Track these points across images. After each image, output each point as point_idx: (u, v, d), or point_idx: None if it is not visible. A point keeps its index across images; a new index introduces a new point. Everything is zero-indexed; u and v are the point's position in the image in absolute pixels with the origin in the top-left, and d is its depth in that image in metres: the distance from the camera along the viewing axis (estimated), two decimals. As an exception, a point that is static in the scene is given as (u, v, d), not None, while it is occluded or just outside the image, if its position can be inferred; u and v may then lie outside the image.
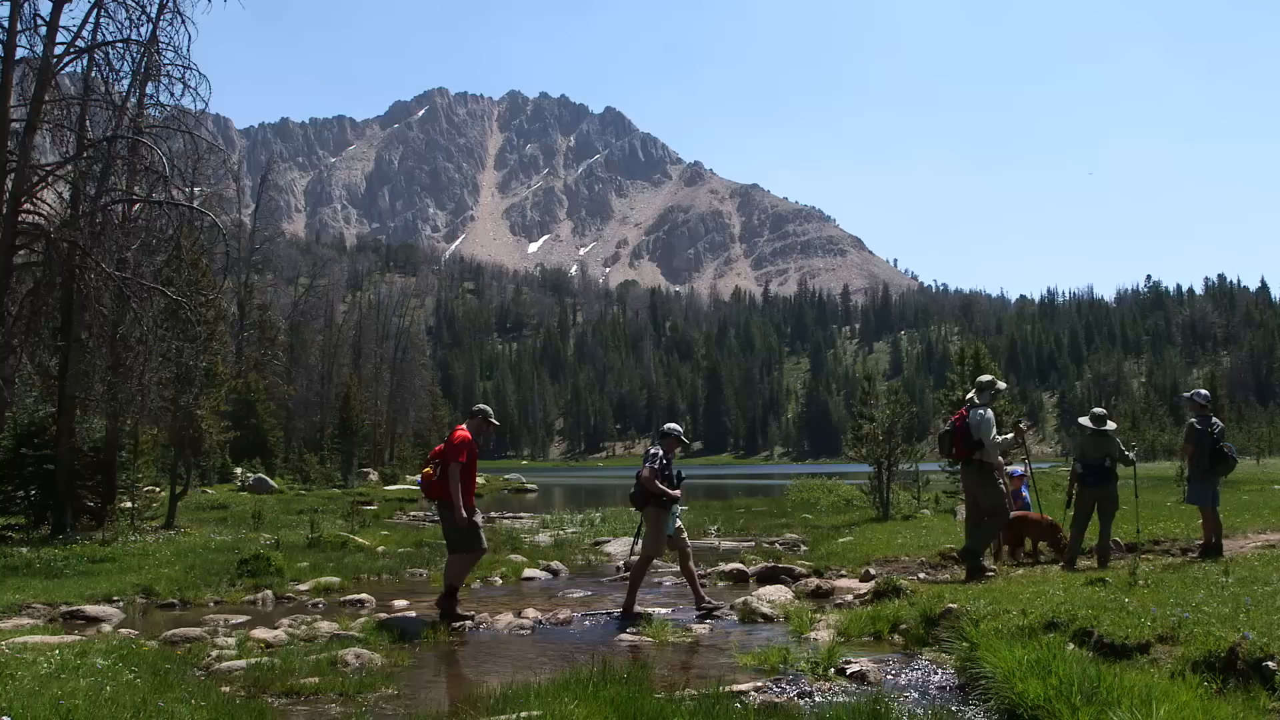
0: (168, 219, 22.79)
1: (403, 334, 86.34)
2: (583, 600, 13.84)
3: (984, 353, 31.93)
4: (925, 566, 15.07)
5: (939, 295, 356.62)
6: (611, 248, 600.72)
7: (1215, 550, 12.92)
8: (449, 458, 12.05)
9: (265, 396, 55.65)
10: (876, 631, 10.50)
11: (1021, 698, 6.76)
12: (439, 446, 12.50)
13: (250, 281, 60.87)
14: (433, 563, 17.86)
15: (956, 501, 26.50)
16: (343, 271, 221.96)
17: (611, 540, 21.63)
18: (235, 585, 14.95)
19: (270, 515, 28.75)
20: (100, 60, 21.87)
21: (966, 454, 12.96)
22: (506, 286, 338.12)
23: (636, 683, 7.63)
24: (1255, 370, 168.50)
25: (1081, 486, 13.34)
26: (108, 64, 21.89)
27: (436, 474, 12.09)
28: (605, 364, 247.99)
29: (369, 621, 11.36)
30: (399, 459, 74.90)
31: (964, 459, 13.08)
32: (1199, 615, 8.12)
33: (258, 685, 8.50)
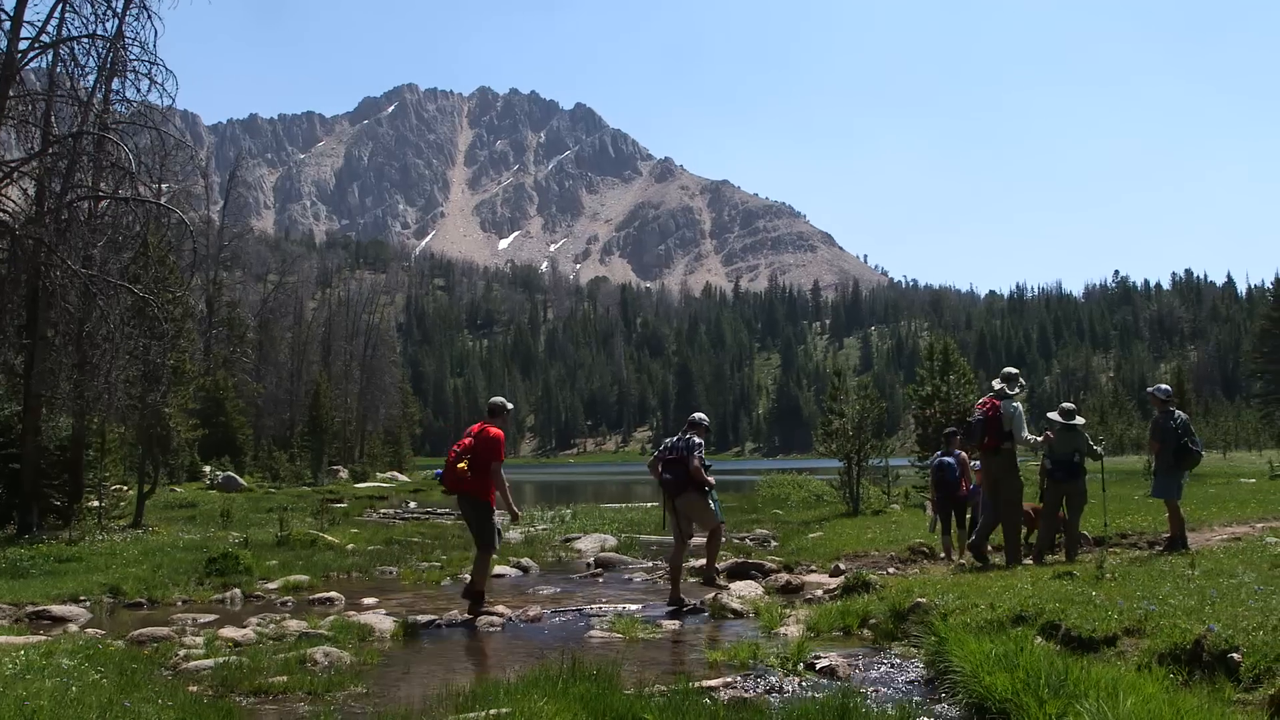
0: (134, 216, 22.62)
1: (373, 331, 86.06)
2: (553, 597, 13.83)
3: (953, 348, 32.08)
4: (895, 561, 15.14)
5: (909, 291, 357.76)
6: (582, 244, 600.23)
7: (1180, 544, 13.01)
8: (490, 455, 12.14)
9: (234, 394, 55.40)
10: (846, 626, 10.53)
11: (989, 691, 6.78)
12: (466, 440, 12.35)
13: (219, 278, 60.55)
14: (402, 560, 17.83)
15: (926, 496, 26.61)
16: (312, 268, 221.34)
17: (582, 537, 21.63)
18: (203, 584, 14.85)
19: (239, 513, 28.62)
20: (65, 55, 21.66)
21: (996, 444, 13.15)
22: (477, 283, 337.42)
23: (606, 679, 7.62)
24: (1222, 364, 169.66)
25: (1050, 481, 13.42)
26: (73, 59, 21.67)
27: (469, 469, 12.05)
28: (576, 360, 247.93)
29: (338, 620, 11.31)
30: (369, 456, 74.72)
31: (993, 449, 13.21)
32: (1165, 608, 8.16)
33: (226, 684, 8.43)
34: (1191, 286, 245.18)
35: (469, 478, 12.08)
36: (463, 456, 12.16)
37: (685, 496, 12.97)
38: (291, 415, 67.88)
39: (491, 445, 12.16)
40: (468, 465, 12.06)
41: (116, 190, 22.30)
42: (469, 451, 12.17)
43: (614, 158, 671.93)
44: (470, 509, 12.43)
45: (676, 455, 13.03)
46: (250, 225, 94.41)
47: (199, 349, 51.09)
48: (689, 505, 13.04)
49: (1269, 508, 19.49)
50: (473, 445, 12.21)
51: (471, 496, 12.25)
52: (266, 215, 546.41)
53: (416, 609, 12.60)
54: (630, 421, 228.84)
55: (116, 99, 22.96)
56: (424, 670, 9.30)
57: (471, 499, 12.30)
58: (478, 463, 12.09)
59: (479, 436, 12.27)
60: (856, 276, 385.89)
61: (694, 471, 12.81)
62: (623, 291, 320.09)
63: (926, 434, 29.85)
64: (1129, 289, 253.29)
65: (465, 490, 12.23)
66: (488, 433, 12.27)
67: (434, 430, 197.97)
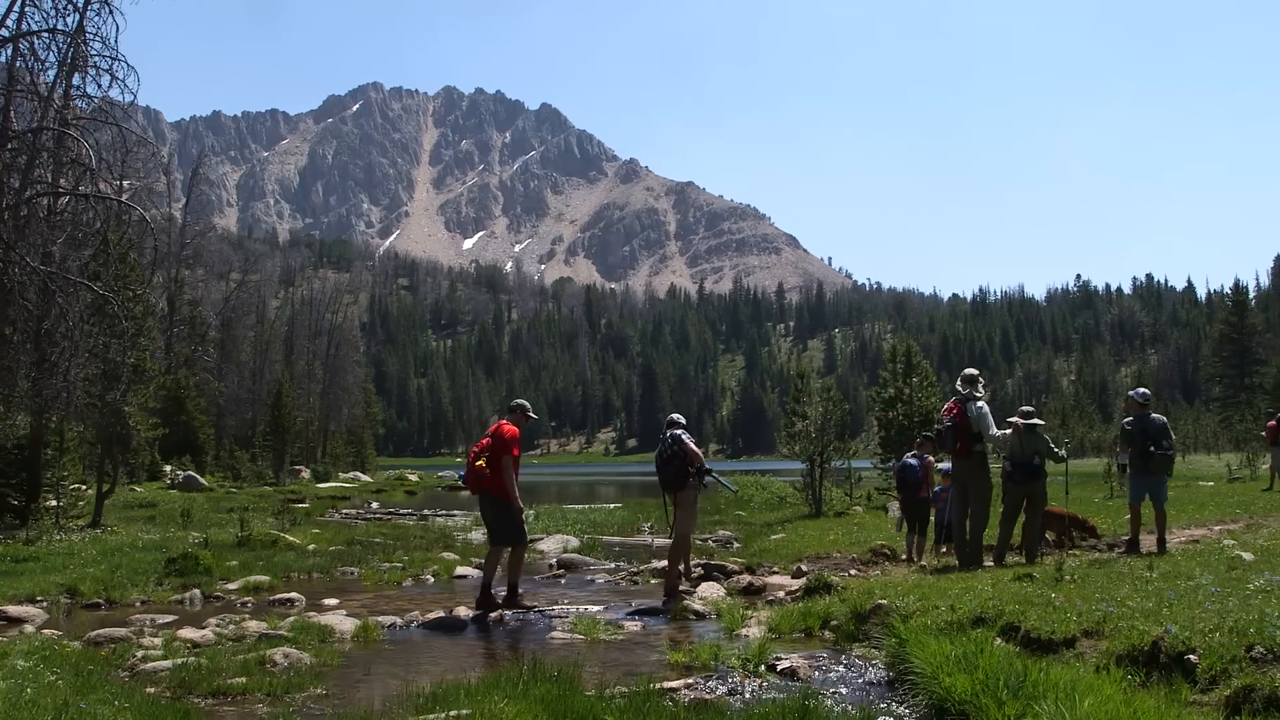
0: (95, 213, 22.44)
1: (336, 330, 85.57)
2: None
3: (916, 351, 32.24)
4: (857, 563, 15.17)
5: (873, 293, 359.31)
6: (547, 244, 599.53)
7: (1133, 547, 13.16)
8: (502, 451, 12.46)
9: (195, 393, 55.01)
10: (807, 628, 10.56)
11: (949, 692, 6.81)
12: (485, 440, 12.77)
13: (180, 276, 60.11)
14: (364, 561, 17.74)
15: (889, 498, 26.69)
16: (275, 267, 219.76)
17: (545, 538, 21.56)
18: (163, 585, 14.74)
19: (200, 513, 28.41)
20: (25, 50, 21.45)
21: (968, 448, 13.13)
22: (441, 283, 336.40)
23: (567, 680, 7.62)
24: (1182, 368, 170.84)
25: (1011, 484, 13.50)
26: (33, 54, 21.49)
27: (488, 467, 12.44)
28: (540, 361, 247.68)
29: (299, 621, 11.25)
30: (332, 456, 74.38)
31: (965, 453, 13.20)
32: (1123, 610, 8.22)
33: (184, 686, 8.38)
34: (1152, 291, 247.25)
35: (488, 475, 12.44)
36: (481, 455, 12.58)
37: (684, 493, 13.55)
38: (253, 414, 67.53)
39: (505, 441, 12.52)
40: (485, 463, 12.45)
41: (77, 186, 22.12)
42: (486, 450, 12.58)
43: (579, 158, 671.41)
44: (490, 506, 12.76)
45: (669, 453, 13.47)
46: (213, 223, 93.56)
47: (160, 347, 50.68)
48: (680, 501, 13.61)
49: (1226, 510, 19.66)
50: (490, 444, 12.62)
51: (492, 495, 12.57)
52: (229, 213, 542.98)
53: (378, 610, 12.55)
54: (594, 423, 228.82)
55: (77, 94, 22.80)
56: (384, 671, 9.27)
57: (492, 497, 12.61)
58: (495, 460, 12.47)
59: (495, 435, 12.68)
60: (820, 279, 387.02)
61: (694, 455, 13.36)
62: (587, 292, 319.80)
63: (889, 436, 29.99)
64: (1090, 293, 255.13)
65: (485, 488, 12.57)
66: (503, 430, 12.66)
67: (397, 430, 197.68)
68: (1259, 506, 19.95)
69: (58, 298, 20.58)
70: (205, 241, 68.21)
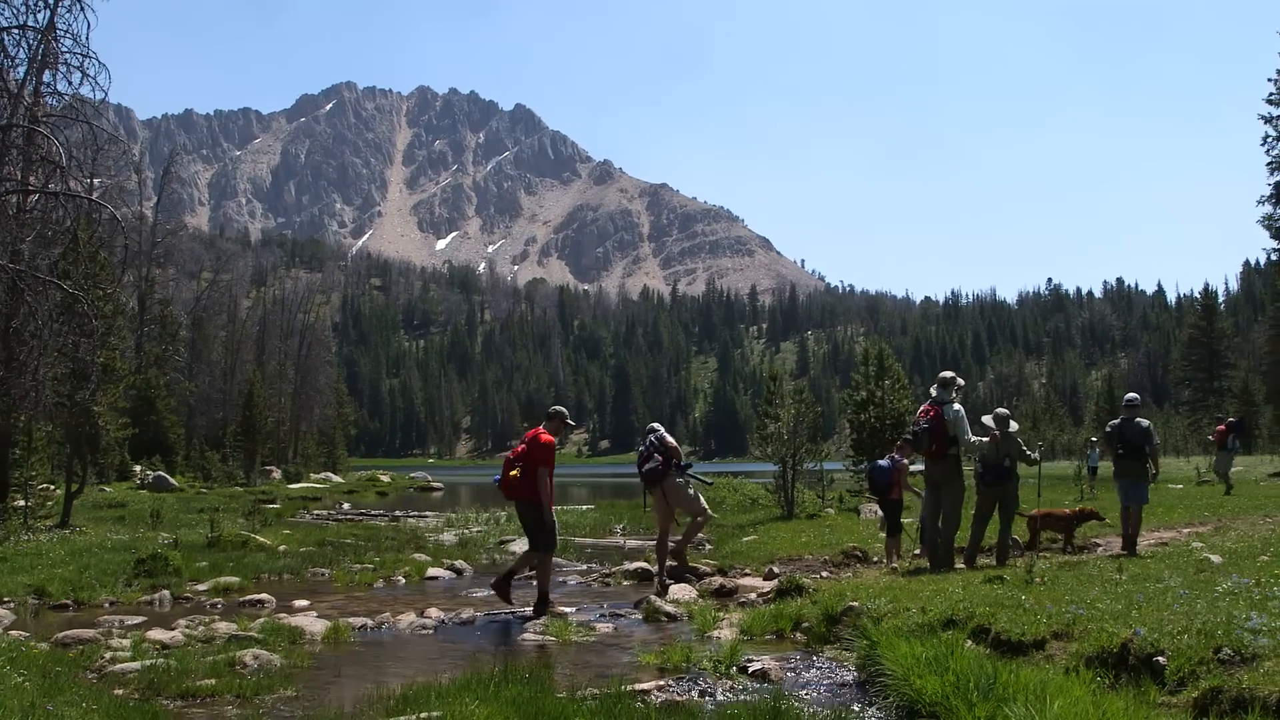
0: (65, 210, 22.30)
1: (308, 330, 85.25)
2: (486, 600, 13.75)
3: (888, 353, 32.32)
4: (828, 565, 15.19)
5: (845, 296, 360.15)
6: (520, 245, 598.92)
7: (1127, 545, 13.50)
8: (538, 460, 12.53)
9: (166, 393, 54.77)
10: (779, 630, 10.57)
11: (920, 694, 6.84)
12: (520, 447, 12.86)
13: (151, 275, 59.82)
14: (335, 562, 17.66)
15: (861, 501, 26.74)
16: (247, 266, 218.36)
17: (517, 539, 21.51)
18: (132, 585, 14.63)
19: (170, 514, 28.24)
20: (-5, 46, 21.33)
21: (943, 451, 13.20)
22: (414, 283, 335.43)
23: (538, 682, 7.63)
24: (1151, 372, 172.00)
25: (982, 485, 13.59)
26: (3, 50, 21.34)
27: (521, 475, 12.55)
28: (513, 362, 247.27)
29: (269, 622, 11.20)
30: (303, 456, 74.11)
31: (940, 455, 13.27)
32: (1093, 612, 8.27)
33: (152, 687, 8.34)
34: (1123, 295, 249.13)
35: (520, 483, 12.57)
36: (515, 463, 12.67)
37: (668, 482, 14.28)
38: (224, 415, 67.23)
39: (541, 449, 12.63)
40: (519, 471, 12.56)
41: (47, 184, 21.97)
42: (522, 458, 12.66)
43: (553, 159, 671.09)
44: (525, 511, 12.92)
45: (650, 451, 14.38)
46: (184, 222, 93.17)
47: (130, 347, 50.47)
48: (674, 492, 14.38)
49: (1195, 513, 19.78)
50: (526, 451, 12.70)
51: (526, 501, 12.71)
52: (201, 212, 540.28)
53: (349, 611, 12.50)
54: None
55: (48, 92, 22.66)
56: (355, 673, 9.24)
57: (526, 503, 12.75)
58: (529, 468, 12.54)
59: (531, 442, 12.76)
60: (794, 281, 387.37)
61: (675, 450, 14.41)
62: (560, 293, 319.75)
63: (862, 439, 30.05)
64: (1062, 296, 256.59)
65: (520, 495, 12.72)
66: (539, 438, 12.74)
67: (369, 431, 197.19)
68: (1227, 509, 20.08)
69: (26, 296, 20.43)
70: (176, 240, 67.85)
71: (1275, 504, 20.86)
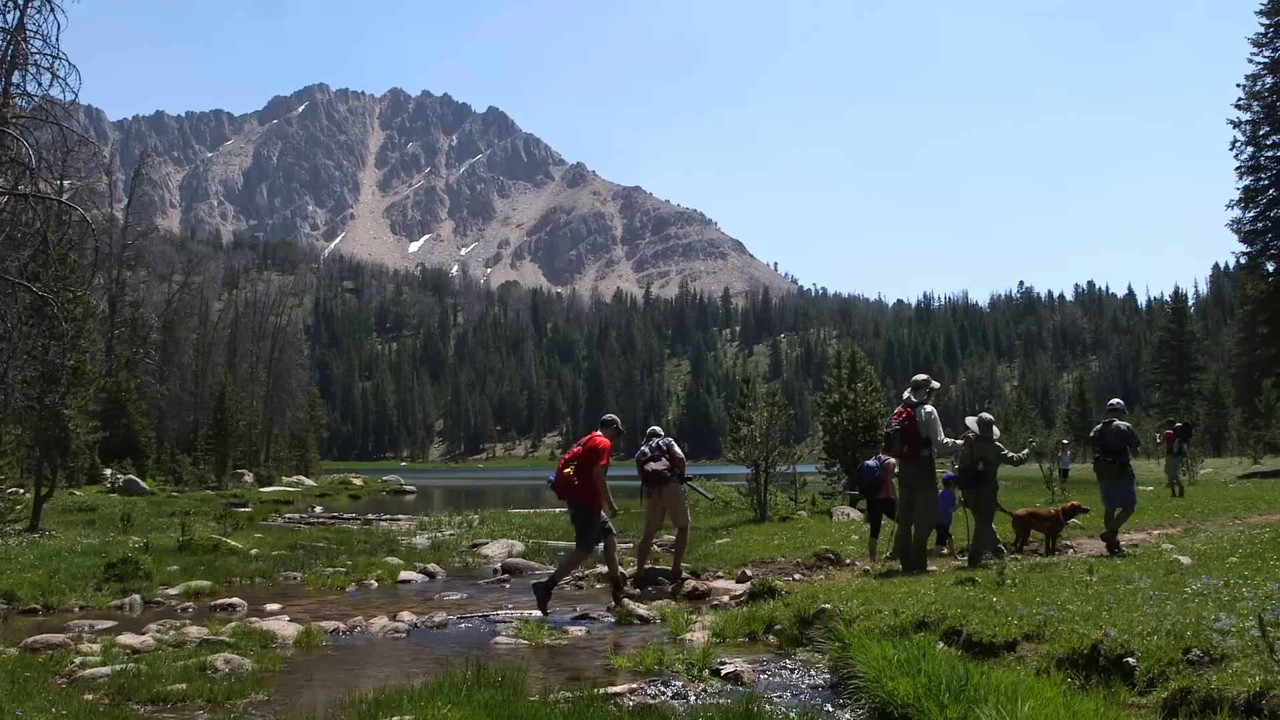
0: (34, 212, 22.14)
1: (280, 333, 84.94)
2: (459, 603, 13.74)
3: (861, 356, 32.34)
4: (801, 567, 15.20)
5: (818, 299, 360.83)
6: (493, 248, 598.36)
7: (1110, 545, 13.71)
8: (593, 461, 13.12)
9: (136, 396, 54.46)
10: (752, 632, 10.58)
11: (892, 696, 6.85)
12: (576, 449, 13.43)
13: (122, 278, 59.49)
14: (307, 565, 17.58)
15: (834, 504, 26.78)
16: (219, 269, 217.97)
17: (490, 542, 21.50)
18: (102, 590, 14.54)
19: (140, 518, 28.08)
20: (-37, 48, 21.17)
21: (915, 452, 13.23)
22: (386, 286, 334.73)
23: (511, 686, 7.60)
24: (1122, 374, 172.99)
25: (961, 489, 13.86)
26: (-29, 52, 21.19)
27: (575, 475, 13.14)
28: (486, 365, 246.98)
29: (240, 626, 11.15)
30: (275, 460, 73.77)
31: (912, 456, 13.31)
32: (1064, 613, 8.31)
33: (122, 693, 8.28)
34: (1093, 298, 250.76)
35: (576, 483, 13.11)
36: (570, 464, 13.24)
37: (669, 488, 14.85)
38: (196, 418, 66.92)
39: (597, 452, 13.19)
40: (574, 471, 13.14)
41: (16, 186, 21.79)
42: (577, 459, 13.25)
43: (526, 162, 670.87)
44: (575, 510, 13.44)
45: (656, 454, 14.97)
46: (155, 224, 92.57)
47: (100, 349, 50.21)
48: (672, 498, 14.92)
49: (1165, 515, 19.91)
50: (581, 454, 13.26)
51: (577, 501, 13.24)
52: (172, 214, 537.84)
53: (321, 615, 12.45)
54: (540, 426, 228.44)
55: (17, 93, 22.46)
56: (327, 677, 9.20)
57: (576, 503, 13.29)
58: (584, 469, 13.14)
59: (588, 445, 13.35)
60: (766, 284, 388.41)
61: (679, 461, 15.05)
62: (533, 296, 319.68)
63: (834, 441, 30.04)
64: (1033, 299, 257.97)
65: (571, 495, 13.24)
66: (594, 441, 13.33)
67: (342, 434, 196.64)
68: (1196, 511, 20.21)
69: (-5, 299, 20.29)
70: (147, 242, 67.50)
71: (1244, 505, 21.00)
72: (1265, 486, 28.01)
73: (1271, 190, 44.72)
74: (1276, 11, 44.20)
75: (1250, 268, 50.06)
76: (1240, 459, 53.36)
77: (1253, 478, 36.48)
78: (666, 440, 15.19)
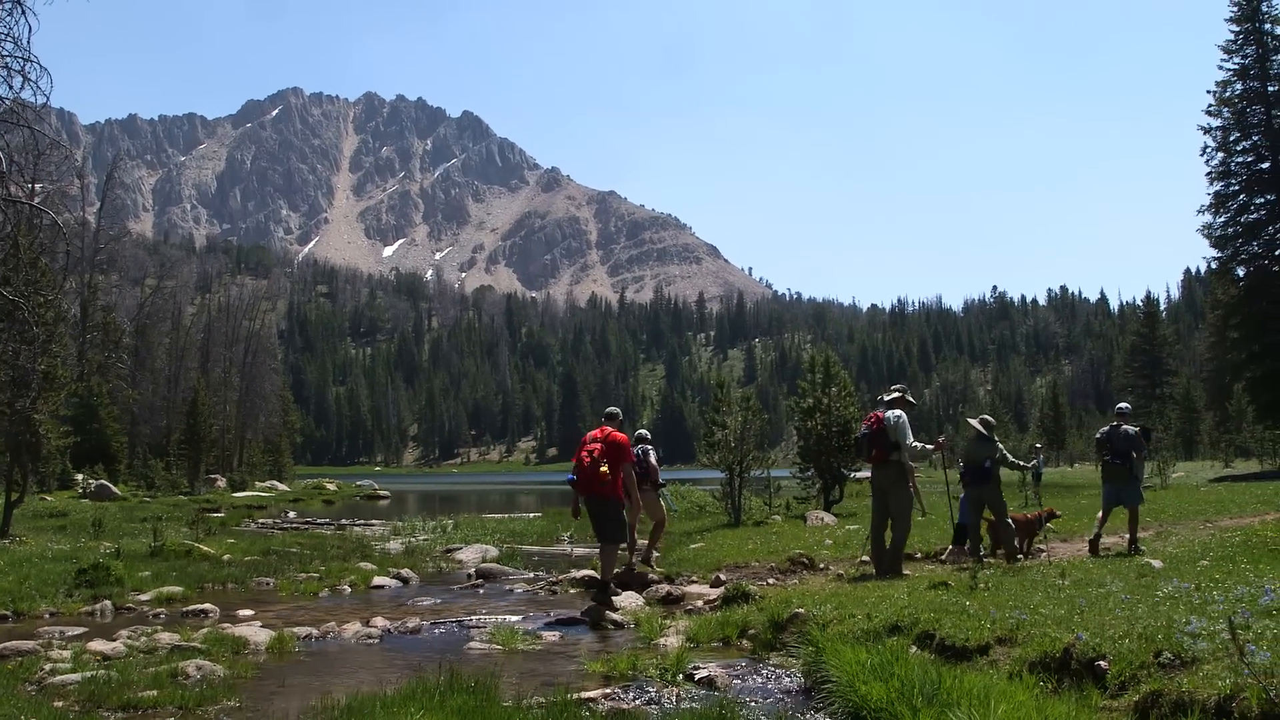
0: (4, 217, 21.95)
1: (253, 337, 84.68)
2: (433, 608, 13.69)
3: (835, 361, 32.37)
4: (775, 572, 15.21)
5: (793, 304, 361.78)
6: (468, 253, 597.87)
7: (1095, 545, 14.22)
8: (621, 459, 13.28)
9: (108, 401, 54.14)
10: (725, 637, 10.58)
11: (865, 700, 6.85)
12: (595, 445, 13.27)
13: (94, 282, 59.13)
14: (280, 571, 17.49)
15: (807, 508, 26.82)
16: (192, 273, 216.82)
17: (464, 548, 21.46)
18: (73, 596, 14.42)
19: (112, 523, 27.92)
20: (-68, 51, 20.99)
21: (884, 456, 13.35)
22: (361, 290, 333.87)
23: (484, 691, 7.57)
24: (1095, 378, 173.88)
25: (963, 485, 14.53)
26: (-60, 55, 21.03)
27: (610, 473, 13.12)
28: (460, 370, 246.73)
29: (213, 632, 11.08)
30: (248, 465, 73.51)
31: (881, 460, 13.44)
32: (1036, 617, 8.35)
33: (93, 699, 8.22)
34: (1066, 303, 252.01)
35: (609, 481, 13.08)
36: (599, 461, 13.10)
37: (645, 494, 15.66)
38: (168, 423, 66.63)
39: (620, 449, 13.28)
40: (608, 469, 13.07)
41: (-13, 190, 21.66)
42: (603, 457, 13.15)
43: (501, 166, 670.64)
44: (600, 506, 13.25)
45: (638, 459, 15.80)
46: (128, 228, 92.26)
47: (72, 354, 49.86)
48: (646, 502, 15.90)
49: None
50: (605, 450, 13.19)
51: (608, 498, 13.17)
52: (145, 218, 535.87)
53: (294, 621, 12.39)
54: (515, 431, 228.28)
55: (-12, 96, 22.32)
56: (299, 683, 9.15)
57: (602, 498, 13.17)
58: (614, 467, 13.19)
59: (608, 441, 13.29)
60: (741, 289, 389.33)
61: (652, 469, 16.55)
62: (508, 301, 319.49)
63: (808, 446, 30.06)
64: (1006, 304, 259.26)
65: (603, 493, 13.14)
66: (614, 438, 13.36)
67: (315, 439, 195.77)
68: (1168, 515, 20.30)
69: (-35, 303, 20.15)
70: (120, 246, 67.20)
71: (1216, 509, 21.10)
72: (1236, 490, 28.16)
73: (1242, 195, 45.04)
74: (1246, 19, 44.52)
75: (1221, 272, 50.47)
76: (1212, 462, 53.72)
77: (1224, 481, 36.68)
78: (644, 450, 16.45)
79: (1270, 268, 45.04)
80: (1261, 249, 45.23)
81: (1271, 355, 44.59)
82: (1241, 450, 54.76)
